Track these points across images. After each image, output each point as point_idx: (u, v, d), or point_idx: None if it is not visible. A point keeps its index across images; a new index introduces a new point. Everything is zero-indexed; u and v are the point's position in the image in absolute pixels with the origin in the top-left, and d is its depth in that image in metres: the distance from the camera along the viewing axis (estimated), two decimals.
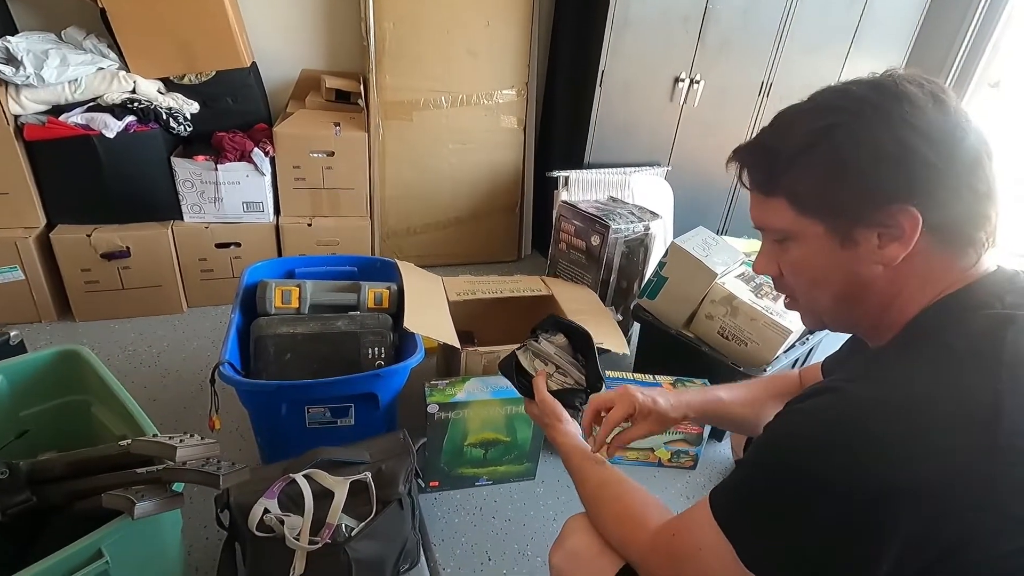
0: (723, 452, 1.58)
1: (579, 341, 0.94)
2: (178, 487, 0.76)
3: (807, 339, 1.60)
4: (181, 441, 0.72)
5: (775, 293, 1.56)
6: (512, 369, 0.92)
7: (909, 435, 0.49)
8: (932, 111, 0.54)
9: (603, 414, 0.89)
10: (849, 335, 0.83)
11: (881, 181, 0.54)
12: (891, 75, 0.57)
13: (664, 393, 0.90)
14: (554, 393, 0.89)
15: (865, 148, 0.55)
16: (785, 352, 1.49)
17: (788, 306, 0.70)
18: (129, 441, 0.77)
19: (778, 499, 0.54)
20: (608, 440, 0.87)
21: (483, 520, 1.31)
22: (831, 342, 1.74)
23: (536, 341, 0.94)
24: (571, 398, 0.89)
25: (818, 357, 1.78)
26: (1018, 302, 0.54)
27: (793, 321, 1.49)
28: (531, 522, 1.31)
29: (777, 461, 0.56)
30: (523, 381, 0.91)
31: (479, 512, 1.33)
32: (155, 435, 0.78)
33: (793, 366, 1.60)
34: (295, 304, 1.35)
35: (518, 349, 0.94)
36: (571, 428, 0.87)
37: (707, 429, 1.46)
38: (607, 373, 1.44)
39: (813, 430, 0.53)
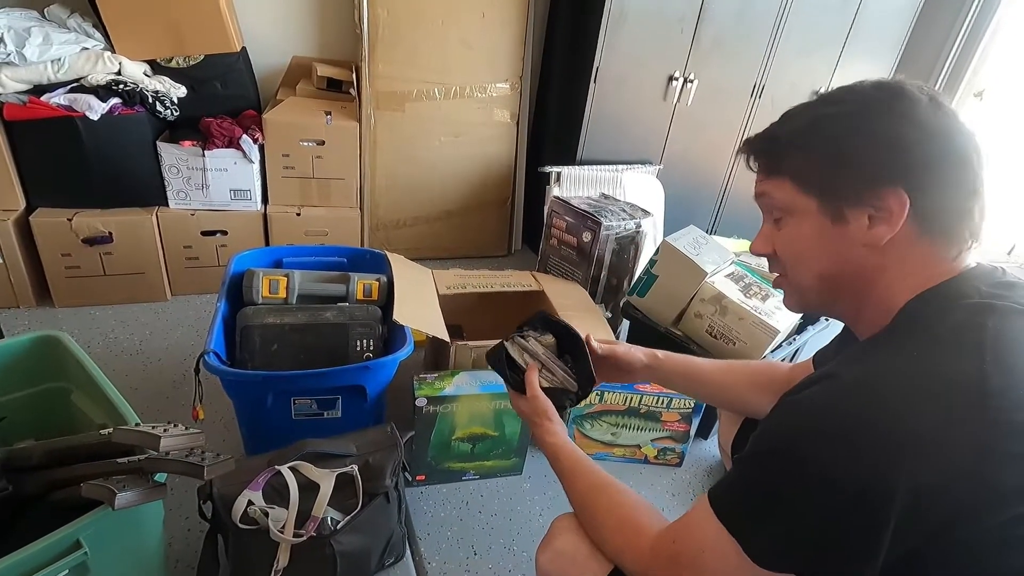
0: (709, 450, 1.59)
1: (568, 342, 0.92)
2: (160, 477, 0.75)
3: (794, 339, 1.61)
4: (165, 431, 0.70)
5: (764, 293, 1.57)
6: (502, 361, 0.89)
7: (900, 415, 0.51)
8: (927, 107, 0.58)
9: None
10: (840, 331, 0.83)
11: (874, 163, 0.59)
12: (895, 78, 0.62)
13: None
14: (544, 391, 0.87)
15: (862, 132, 0.60)
16: (772, 352, 1.50)
17: (776, 284, 0.73)
18: (110, 430, 0.75)
19: (777, 487, 0.55)
20: None
21: (469, 514, 1.30)
22: (817, 342, 1.76)
23: (523, 337, 0.91)
24: (561, 398, 0.87)
25: (804, 357, 1.81)
26: (995, 292, 0.57)
27: (781, 320, 1.50)
28: (517, 517, 1.31)
29: (772, 450, 0.57)
30: (514, 375, 0.88)
31: (465, 506, 1.32)
32: (137, 424, 0.76)
33: None
34: (283, 294, 1.33)
35: (506, 341, 0.91)
36: (559, 428, 0.85)
37: (694, 426, 1.46)
38: None
39: (807, 418, 0.55)
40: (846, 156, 0.60)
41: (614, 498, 0.74)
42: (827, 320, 1.69)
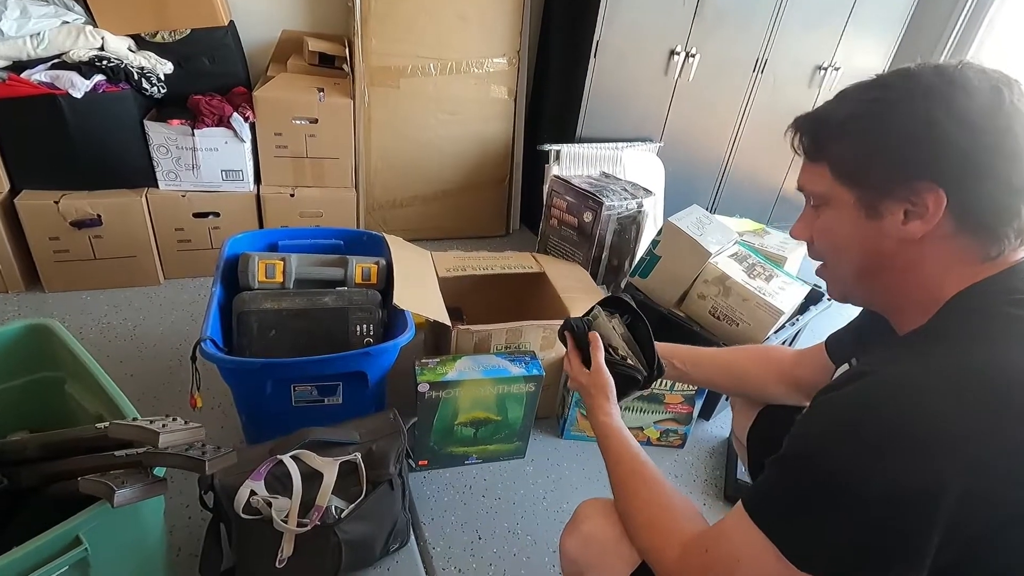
0: (711, 431, 1.59)
1: (640, 332, 0.94)
2: (160, 471, 0.73)
3: (796, 319, 1.60)
4: (163, 426, 0.68)
5: (768, 273, 1.56)
6: (581, 331, 0.92)
7: (945, 418, 0.48)
8: (980, 98, 0.54)
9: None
10: (857, 316, 0.84)
11: (911, 156, 0.56)
12: (961, 61, 0.57)
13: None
14: (614, 365, 0.88)
15: (898, 123, 0.56)
16: (775, 332, 1.49)
17: (817, 272, 0.71)
18: (107, 424, 0.73)
19: (816, 490, 0.53)
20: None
21: (473, 498, 1.30)
22: (819, 323, 1.76)
23: (609, 316, 0.94)
24: (629, 383, 0.89)
25: (805, 337, 1.80)
26: None
27: (784, 301, 1.48)
28: (521, 500, 1.31)
29: (811, 452, 0.54)
30: (583, 346, 0.91)
31: (469, 490, 1.32)
32: (135, 419, 0.74)
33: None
34: (279, 278, 1.30)
35: (587, 317, 0.94)
36: (614, 409, 0.85)
37: (696, 408, 1.46)
38: None
39: (847, 419, 0.53)
40: (884, 147, 0.57)
41: (655, 491, 0.72)
42: (829, 301, 1.68)
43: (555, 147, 2.08)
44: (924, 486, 0.48)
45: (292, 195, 1.88)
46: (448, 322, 1.28)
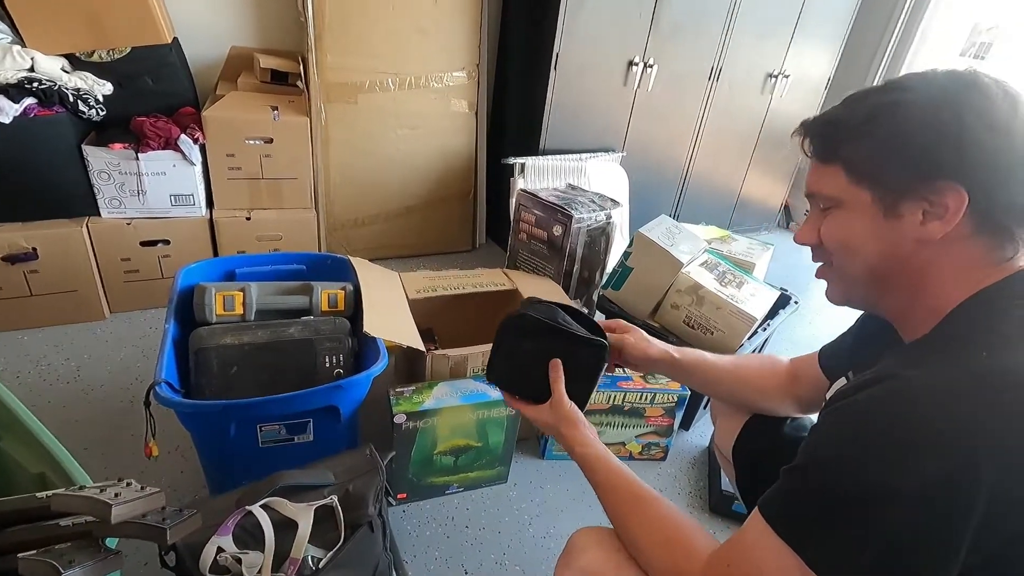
0: (691, 441, 1.58)
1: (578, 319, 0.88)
2: (112, 542, 0.65)
3: (767, 325, 1.61)
4: (116, 495, 0.60)
5: (739, 280, 1.57)
6: (513, 376, 0.85)
7: (976, 419, 0.48)
8: (1000, 102, 0.55)
9: None
10: (852, 327, 0.83)
11: (934, 157, 0.55)
12: (972, 69, 0.57)
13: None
14: (577, 339, 0.81)
15: (923, 123, 0.56)
16: (748, 339, 1.50)
17: (819, 274, 0.69)
18: (49, 494, 0.65)
19: (843, 495, 0.52)
20: None
21: (456, 530, 1.24)
22: (787, 327, 1.78)
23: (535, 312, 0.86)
24: (601, 353, 0.82)
25: (773, 343, 1.82)
26: None
27: (756, 308, 1.50)
28: (506, 528, 1.26)
29: (836, 457, 0.53)
30: (528, 387, 0.83)
31: (451, 522, 1.26)
32: (81, 487, 0.66)
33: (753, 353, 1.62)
34: (239, 310, 1.22)
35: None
36: (591, 433, 0.79)
37: (677, 420, 1.45)
38: None
39: (874, 423, 0.52)
40: (905, 148, 0.57)
41: (659, 511, 0.69)
42: (796, 304, 1.71)
43: (520, 160, 2.05)
44: (955, 490, 0.47)
45: (248, 218, 1.79)
46: (422, 347, 1.23)
